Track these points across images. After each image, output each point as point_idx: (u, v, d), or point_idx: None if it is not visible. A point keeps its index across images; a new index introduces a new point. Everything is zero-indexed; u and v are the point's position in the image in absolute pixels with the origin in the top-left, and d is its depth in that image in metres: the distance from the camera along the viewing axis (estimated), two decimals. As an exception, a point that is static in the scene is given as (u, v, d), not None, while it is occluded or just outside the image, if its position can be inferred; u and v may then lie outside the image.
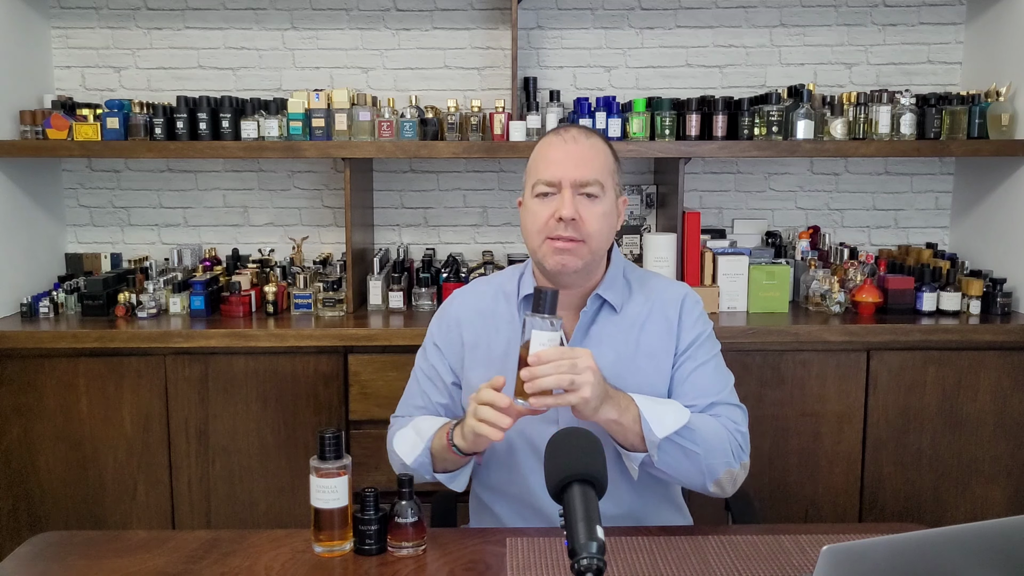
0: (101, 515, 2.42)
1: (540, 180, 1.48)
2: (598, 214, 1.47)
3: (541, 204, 1.48)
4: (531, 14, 2.87)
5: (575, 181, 1.46)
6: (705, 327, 1.57)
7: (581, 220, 1.45)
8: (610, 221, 1.50)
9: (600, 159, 1.49)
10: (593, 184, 1.46)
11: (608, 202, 1.49)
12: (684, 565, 1.28)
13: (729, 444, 1.46)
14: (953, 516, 2.45)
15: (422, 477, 1.49)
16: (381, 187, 2.94)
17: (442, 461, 1.47)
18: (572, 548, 0.97)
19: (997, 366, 2.41)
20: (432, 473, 1.49)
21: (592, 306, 1.54)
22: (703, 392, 1.51)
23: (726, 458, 1.45)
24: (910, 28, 2.89)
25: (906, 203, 2.96)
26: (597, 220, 1.47)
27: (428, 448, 1.47)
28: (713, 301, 2.58)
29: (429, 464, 1.48)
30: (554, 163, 1.47)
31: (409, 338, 2.34)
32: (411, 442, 1.50)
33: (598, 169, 1.48)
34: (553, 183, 1.46)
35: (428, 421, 1.54)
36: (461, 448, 1.41)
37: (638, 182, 2.93)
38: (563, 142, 1.49)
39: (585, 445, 1.11)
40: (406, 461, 1.49)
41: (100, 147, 2.53)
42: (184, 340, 2.36)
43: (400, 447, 1.51)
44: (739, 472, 1.48)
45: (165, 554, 1.33)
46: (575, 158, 1.47)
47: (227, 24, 2.87)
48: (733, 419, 1.50)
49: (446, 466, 1.48)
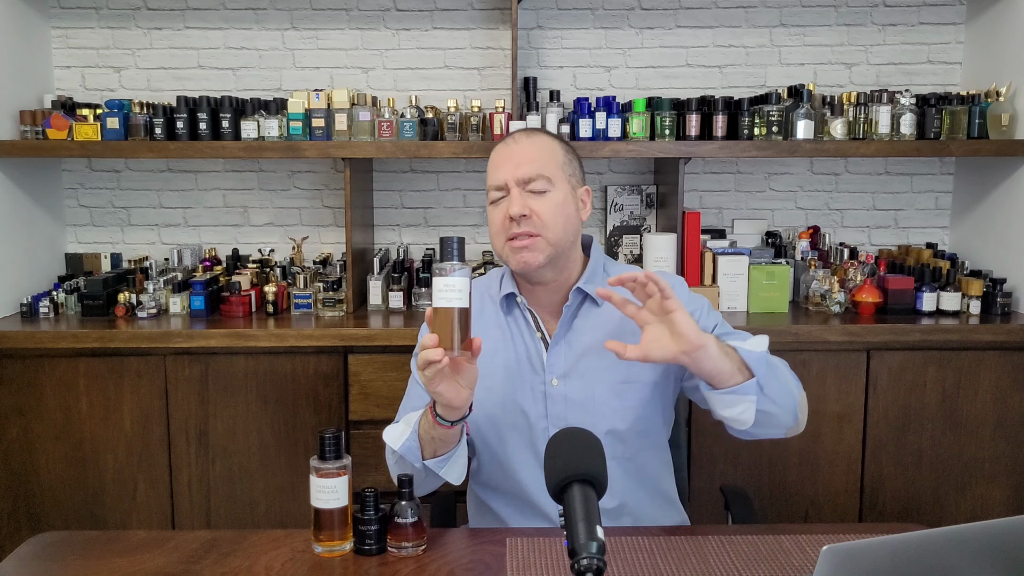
0: (101, 515, 2.42)
1: (490, 186, 1.55)
2: (549, 205, 1.49)
3: (495, 209, 1.53)
4: (531, 14, 2.87)
5: (519, 179, 1.50)
6: (697, 301, 1.57)
7: (533, 214, 1.48)
8: (566, 211, 1.52)
9: (543, 154, 1.53)
10: (537, 179, 1.50)
11: (560, 193, 1.51)
12: (684, 565, 1.28)
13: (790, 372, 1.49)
14: (953, 516, 2.45)
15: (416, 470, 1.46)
16: (381, 187, 2.94)
17: (431, 442, 1.43)
18: (572, 548, 0.97)
19: (997, 366, 2.41)
20: (421, 460, 1.45)
21: (574, 300, 1.55)
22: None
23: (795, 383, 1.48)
24: (910, 28, 2.89)
25: (906, 203, 2.96)
26: (549, 211, 1.49)
27: (415, 432, 1.45)
28: (713, 301, 2.58)
29: (417, 449, 1.45)
30: (498, 167, 1.54)
31: (409, 338, 2.34)
32: (399, 430, 1.50)
33: (542, 164, 1.51)
34: (500, 186, 1.52)
35: (416, 413, 1.53)
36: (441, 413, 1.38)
37: (638, 182, 2.93)
38: (505, 146, 1.56)
39: (585, 445, 1.11)
40: (394, 447, 1.47)
41: (100, 147, 2.53)
42: (184, 340, 2.36)
43: (390, 437, 1.50)
44: (802, 402, 1.49)
45: (165, 554, 1.33)
46: (516, 158, 1.52)
47: (227, 24, 2.87)
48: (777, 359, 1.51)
49: (436, 448, 1.44)
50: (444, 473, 1.47)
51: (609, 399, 1.52)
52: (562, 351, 1.53)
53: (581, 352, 1.53)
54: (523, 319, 1.57)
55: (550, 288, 1.56)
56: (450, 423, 1.39)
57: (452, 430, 1.41)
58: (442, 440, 1.43)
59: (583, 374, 1.52)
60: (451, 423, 1.39)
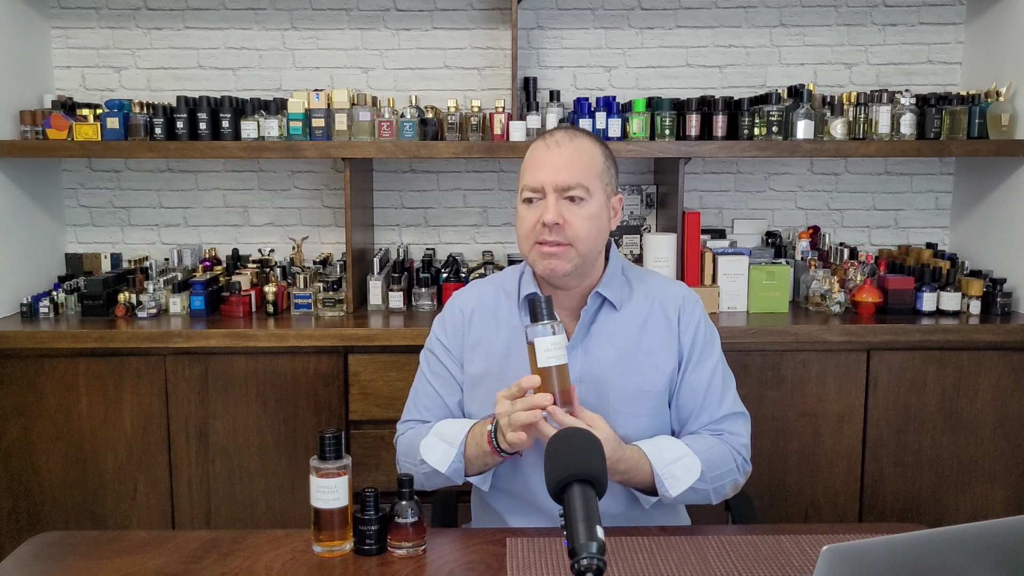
0: (101, 515, 2.42)
1: (525, 186, 1.51)
2: (583, 217, 1.48)
3: (528, 210, 1.50)
4: (531, 14, 2.87)
5: (558, 186, 1.47)
6: (707, 330, 1.59)
7: (566, 224, 1.46)
8: (599, 222, 1.51)
9: (584, 162, 1.50)
10: (576, 188, 1.47)
11: (595, 204, 1.50)
12: (684, 565, 1.28)
13: (735, 462, 1.53)
14: (953, 516, 2.45)
15: (450, 481, 1.51)
16: (381, 187, 2.94)
17: (478, 459, 1.48)
18: (572, 548, 0.97)
19: (997, 366, 2.41)
20: (463, 477, 1.51)
21: (593, 304, 1.55)
22: (712, 400, 1.55)
23: (732, 477, 1.52)
24: (910, 28, 2.89)
25: (906, 203, 2.96)
26: (583, 223, 1.48)
27: (461, 454, 1.48)
28: (713, 301, 2.58)
29: (462, 470, 1.49)
30: (538, 168, 1.49)
31: (409, 338, 2.34)
32: (440, 450, 1.50)
33: (581, 172, 1.48)
34: (537, 189, 1.49)
35: (448, 425, 1.54)
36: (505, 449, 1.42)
37: (638, 182, 2.93)
38: (547, 147, 1.50)
39: (585, 445, 1.11)
40: (440, 470, 1.49)
41: (100, 147, 2.53)
42: (184, 340, 2.36)
43: (430, 456, 1.50)
44: (742, 481, 1.56)
45: (165, 554, 1.33)
46: (558, 163, 1.48)
47: (227, 24, 2.87)
48: (737, 432, 1.56)
49: (482, 465, 1.49)
50: (481, 484, 1.54)
51: (622, 406, 1.52)
52: (579, 356, 1.54)
53: (597, 358, 1.54)
54: None
55: (571, 292, 1.56)
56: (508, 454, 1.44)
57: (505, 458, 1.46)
58: (492, 464, 1.49)
59: (597, 380, 1.53)
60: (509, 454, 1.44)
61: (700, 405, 1.55)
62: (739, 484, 1.55)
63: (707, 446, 1.50)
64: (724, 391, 1.56)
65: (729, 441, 1.54)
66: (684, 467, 1.45)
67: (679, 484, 1.44)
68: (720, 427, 1.55)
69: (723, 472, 1.50)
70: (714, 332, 1.61)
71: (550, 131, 1.55)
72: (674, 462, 1.45)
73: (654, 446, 1.47)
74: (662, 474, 1.43)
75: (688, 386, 1.55)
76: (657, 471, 1.43)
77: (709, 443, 1.51)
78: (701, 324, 1.58)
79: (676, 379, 1.56)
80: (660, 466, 1.44)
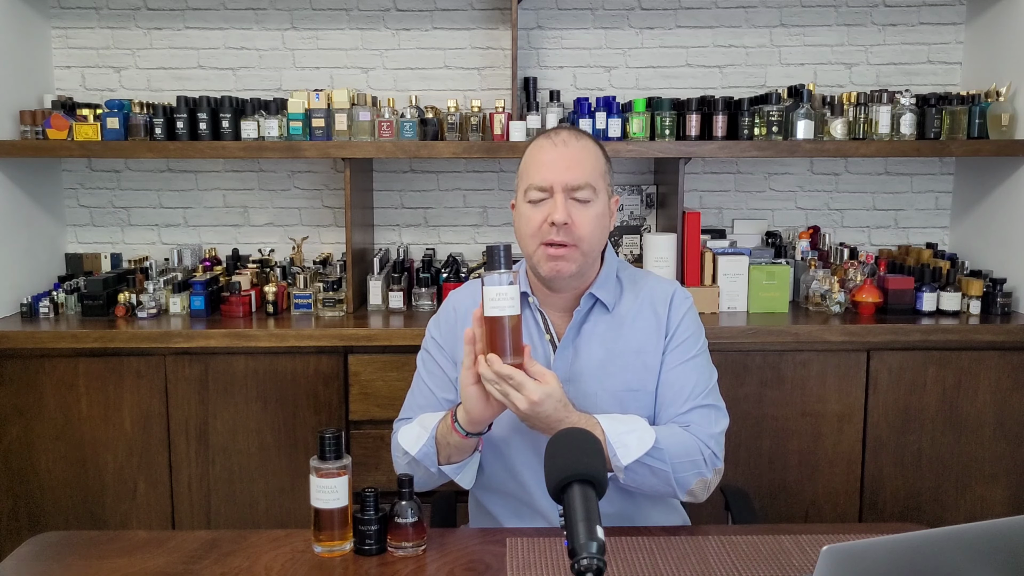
0: (101, 515, 2.42)
1: (532, 185, 1.48)
2: (590, 217, 1.47)
3: (534, 209, 1.48)
4: (531, 14, 2.87)
5: (566, 185, 1.46)
6: (692, 322, 1.57)
7: (573, 224, 1.46)
8: (602, 223, 1.51)
9: (591, 161, 1.49)
10: (585, 188, 1.47)
11: (600, 204, 1.49)
12: (684, 565, 1.28)
13: (701, 454, 1.46)
14: (953, 516, 2.45)
15: (428, 472, 1.49)
16: (381, 187, 2.94)
17: (446, 448, 1.46)
18: (572, 548, 0.97)
19: (997, 366, 2.41)
20: (437, 465, 1.48)
21: (585, 305, 1.55)
22: (682, 393, 1.51)
23: (697, 469, 1.45)
24: (910, 28, 2.89)
25: (906, 203, 2.96)
26: (589, 223, 1.47)
27: (433, 437, 1.47)
28: (713, 301, 2.58)
29: (434, 454, 1.47)
30: (545, 167, 1.48)
31: (409, 338, 2.34)
32: (415, 434, 1.50)
33: (589, 172, 1.48)
34: (545, 188, 1.47)
35: (432, 416, 1.54)
36: (463, 425, 1.41)
37: (638, 182, 2.93)
38: (553, 145, 1.49)
39: (585, 445, 1.11)
40: (411, 451, 1.48)
41: (100, 147, 2.53)
42: (184, 340, 2.36)
43: (405, 440, 1.51)
44: (712, 479, 1.49)
45: (165, 554, 1.33)
46: (566, 161, 1.47)
47: (227, 24, 2.87)
48: (707, 424, 1.50)
49: (451, 455, 1.47)
50: (459, 479, 1.51)
51: (612, 406, 1.51)
52: (569, 356, 1.53)
53: (587, 358, 1.53)
54: (534, 320, 1.57)
55: (566, 293, 1.55)
56: (466, 434, 1.42)
57: (467, 441, 1.43)
58: (457, 448, 1.46)
59: (588, 380, 1.52)
60: (467, 434, 1.42)
61: (672, 396, 1.51)
62: (709, 482, 1.48)
63: (670, 432, 1.46)
64: (698, 385, 1.52)
65: (695, 432, 1.48)
66: (638, 438, 1.40)
67: (630, 453, 1.38)
68: (687, 418, 1.50)
69: (685, 460, 1.43)
70: (699, 328, 1.58)
71: (553, 129, 1.54)
72: (628, 432, 1.41)
73: (610, 418, 1.43)
74: (614, 443, 1.38)
75: (668, 371, 1.53)
76: (609, 439, 1.38)
77: (673, 430, 1.47)
78: (687, 317, 1.56)
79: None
80: (613, 435, 1.39)
